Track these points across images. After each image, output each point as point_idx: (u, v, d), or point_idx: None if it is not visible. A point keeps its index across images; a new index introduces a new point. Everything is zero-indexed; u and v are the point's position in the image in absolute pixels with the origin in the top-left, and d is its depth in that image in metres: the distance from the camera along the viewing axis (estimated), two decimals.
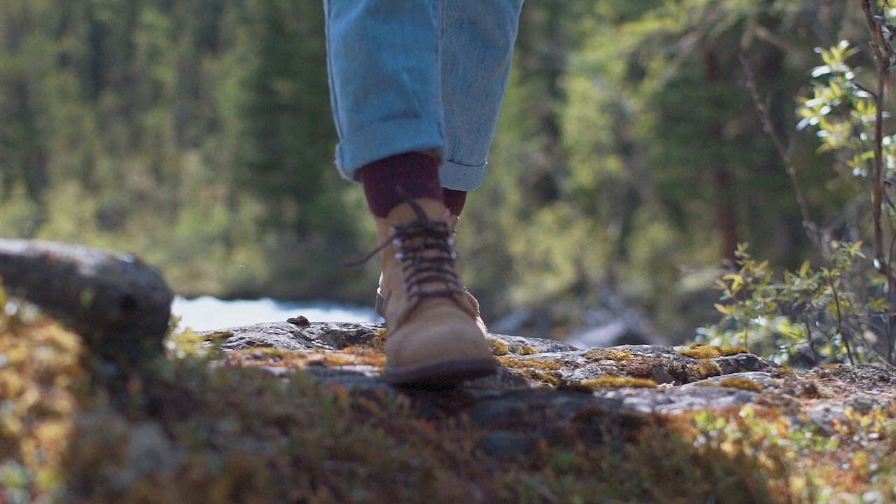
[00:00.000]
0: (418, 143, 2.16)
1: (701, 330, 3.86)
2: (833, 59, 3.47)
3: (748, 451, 1.84)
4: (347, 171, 2.25)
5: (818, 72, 3.51)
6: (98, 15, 56.55)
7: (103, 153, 50.51)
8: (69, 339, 1.44)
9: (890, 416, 2.07)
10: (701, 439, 1.84)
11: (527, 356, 2.54)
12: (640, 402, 2.05)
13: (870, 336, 3.63)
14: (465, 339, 1.92)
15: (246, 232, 37.01)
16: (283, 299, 29.75)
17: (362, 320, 2.77)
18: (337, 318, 2.71)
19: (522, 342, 2.76)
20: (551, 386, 2.19)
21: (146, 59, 54.39)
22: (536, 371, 2.31)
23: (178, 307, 1.69)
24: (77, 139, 49.36)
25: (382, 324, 2.66)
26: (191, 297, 30.08)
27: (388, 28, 2.15)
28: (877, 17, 2.98)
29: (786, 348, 3.45)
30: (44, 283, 1.50)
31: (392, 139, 2.15)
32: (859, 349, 3.38)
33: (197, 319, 1.85)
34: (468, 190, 2.70)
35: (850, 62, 3.54)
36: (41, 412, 1.32)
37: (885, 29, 2.98)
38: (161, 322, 1.59)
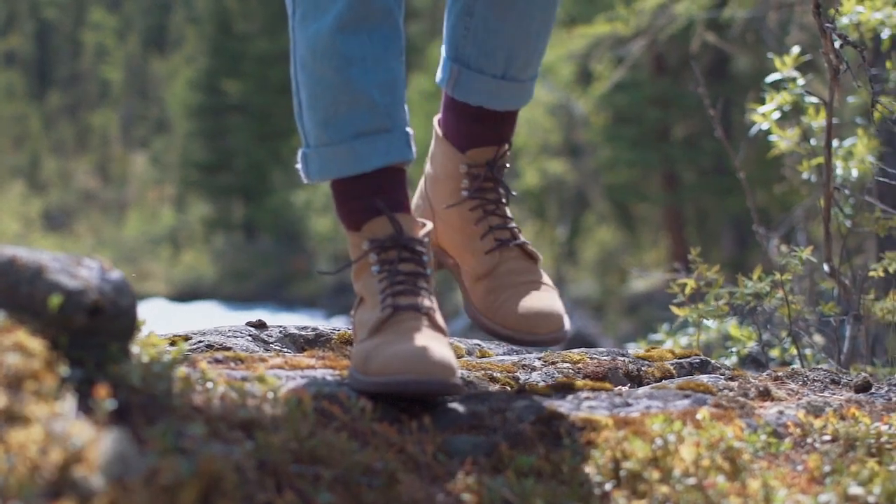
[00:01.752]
0: (389, 159, 2.17)
1: (655, 336, 3.90)
2: (785, 66, 3.52)
3: (705, 453, 1.88)
4: (312, 179, 2.25)
5: (770, 78, 3.56)
6: (44, 13, 56.05)
7: (49, 153, 50.06)
8: (36, 344, 1.44)
9: (842, 418, 2.10)
10: (659, 442, 1.87)
11: (484, 359, 2.56)
12: (599, 405, 2.08)
13: (818, 339, 3.68)
14: (433, 359, 1.93)
15: (194, 233, 36.82)
16: (231, 300, 29.62)
17: (320, 323, 2.77)
18: (294, 320, 2.71)
19: (479, 345, 2.77)
20: (509, 389, 2.21)
21: (93, 57, 53.95)
22: (494, 374, 2.33)
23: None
24: (22, 138, 48.90)
25: (337, 328, 2.66)
26: (139, 298, 29.86)
27: (357, 41, 2.14)
28: (827, 25, 3.02)
29: (735, 351, 3.49)
30: (11, 289, 1.50)
31: (364, 157, 2.16)
32: (808, 351, 3.43)
33: (149, 321, 1.85)
34: (519, 107, 2.43)
35: (801, 68, 3.59)
36: (10, 417, 1.33)
37: (835, 37, 3.03)
38: (127, 326, 1.59)
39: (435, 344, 1.98)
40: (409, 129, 2.23)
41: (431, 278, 2.17)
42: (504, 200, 2.39)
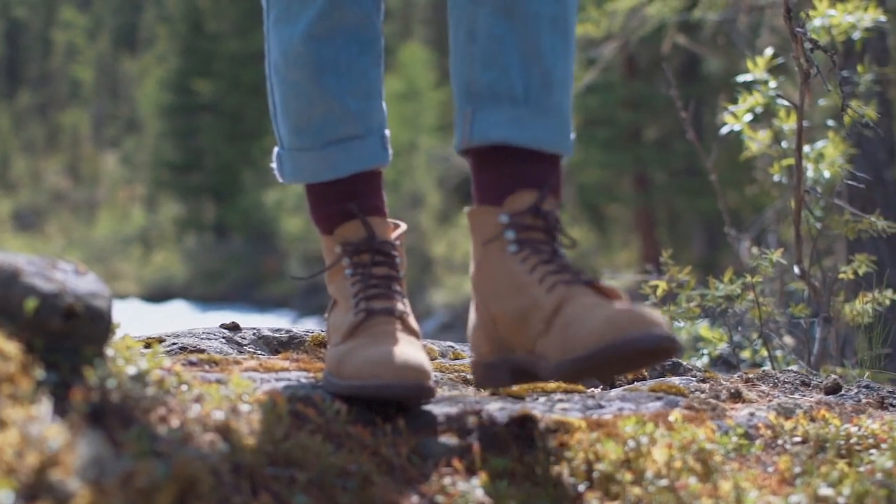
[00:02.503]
0: (363, 165, 2.18)
1: None
2: (757, 68, 3.55)
3: (677, 455, 1.89)
4: (286, 181, 2.26)
5: (742, 78, 3.58)
6: (14, 12, 55.75)
7: (19, 152, 49.81)
8: (12, 348, 1.44)
9: (812, 420, 2.12)
10: (631, 444, 1.89)
11: (457, 361, 2.57)
12: (572, 407, 2.09)
13: (789, 340, 3.71)
14: (407, 364, 1.92)
15: (164, 233, 36.71)
16: (202, 300, 29.54)
17: (293, 325, 2.78)
18: (267, 322, 2.71)
19: (452, 347, 2.78)
20: (484, 393, 2.22)
21: (63, 57, 53.70)
22: (467, 376, 2.34)
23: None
24: None
25: (310, 330, 2.67)
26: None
27: (330, 48, 2.13)
28: (798, 29, 3.05)
29: (707, 352, 3.52)
30: None
31: (337, 163, 2.16)
32: (778, 353, 3.45)
33: (122, 322, 1.85)
34: (556, 148, 2.01)
35: (773, 71, 3.62)
36: None
37: (805, 41, 3.06)
38: (102, 329, 1.60)
39: (409, 348, 1.98)
40: (385, 132, 2.23)
41: (404, 281, 2.17)
42: (562, 253, 2.00)
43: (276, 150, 2.28)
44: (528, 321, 1.91)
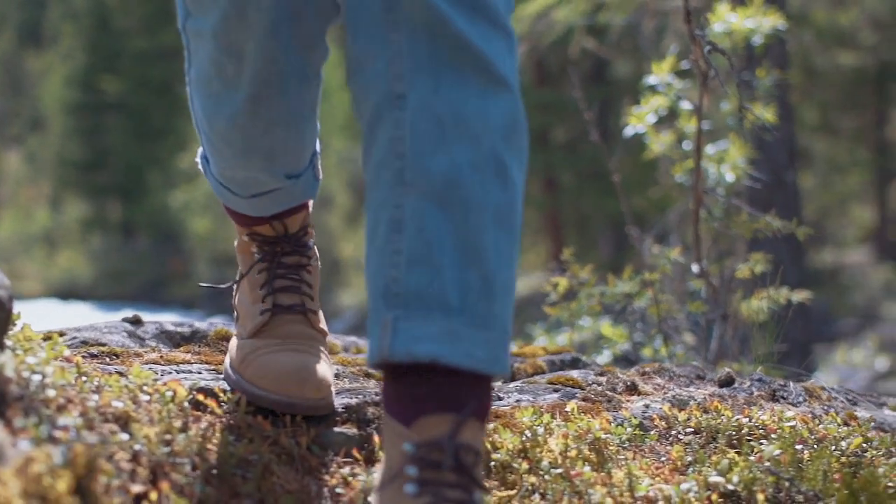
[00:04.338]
0: (291, 205, 2.07)
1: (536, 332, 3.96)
2: (661, 70, 3.61)
3: (572, 444, 1.93)
4: (210, 181, 2.12)
5: (648, 80, 3.64)
6: None
7: None
8: None
9: (705, 411, 2.18)
10: (528, 434, 1.92)
11: (359, 355, 2.59)
12: None
13: (689, 338, 3.78)
14: (309, 381, 1.88)
15: (69, 232, 36.20)
16: (108, 301, 29.18)
17: (196, 320, 2.77)
18: (171, 318, 2.70)
19: (355, 342, 2.81)
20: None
21: None
22: (369, 370, 2.36)
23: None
24: None
25: (214, 322, 2.67)
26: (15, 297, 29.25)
27: (260, 135, 1.90)
28: (697, 32, 3.12)
29: (609, 350, 3.57)
30: None
31: (264, 208, 2.06)
32: (678, 350, 3.52)
33: (24, 319, 1.85)
34: (492, 370, 1.59)
35: (681, 74, 3.68)
36: None
37: (705, 44, 3.12)
38: (1, 319, 1.59)
39: (311, 360, 1.93)
40: (316, 160, 2.08)
41: (315, 268, 2.11)
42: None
43: (201, 151, 2.12)
44: None
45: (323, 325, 2.08)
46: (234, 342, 2.06)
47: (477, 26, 1.57)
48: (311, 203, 2.13)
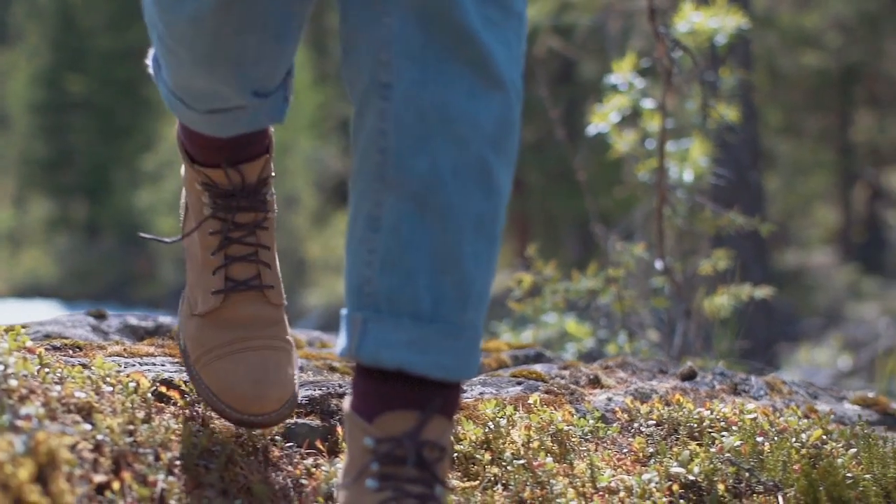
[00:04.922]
0: (252, 128, 1.81)
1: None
2: (623, 69, 3.63)
3: (535, 436, 1.95)
4: (159, 85, 1.82)
5: (611, 80, 3.66)
6: None
7: None
8: None
9: (667, 404, 2.20)
10: (491, 426, 1.94)
11: (324, 349, 2.60)
12: None
13: (653, 334, 3.80)
14: (268, 395, 1.76)
15: (34, 232, 35.98)
16: (72, 301, 29.03)
17: (161, 316, 2.77)
18: (135, 313, 2.69)
19: (320, 337, 2.82)
20: (349, 378, 2.25)
21: None
22: (333, 364, 2.37)
23: None
24: None
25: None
26: None
27: (228, 37, 1.61)
28: (661, 29, 3.14)
29: (573, 347, 3.59)
30: None
31: (220, 127, 1.79)
32: (643, 345, 3.54)
33: None
34: (460, 377, 1.57)
35: (645, 74, 3.69)
36: None
37: (668, 42, 3.15)
38: None
39: (270, 364, 1.80)
40: (289, 84, 1.80)
41: (272, 221, 1.92)
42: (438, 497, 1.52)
43: (152, 52, 1.83)
44: None
45: (281, 298, 1.90)
46: (186, 310, 1.92)
47: (485, 10, 1.48)
48: (272, 138, 1.91)
